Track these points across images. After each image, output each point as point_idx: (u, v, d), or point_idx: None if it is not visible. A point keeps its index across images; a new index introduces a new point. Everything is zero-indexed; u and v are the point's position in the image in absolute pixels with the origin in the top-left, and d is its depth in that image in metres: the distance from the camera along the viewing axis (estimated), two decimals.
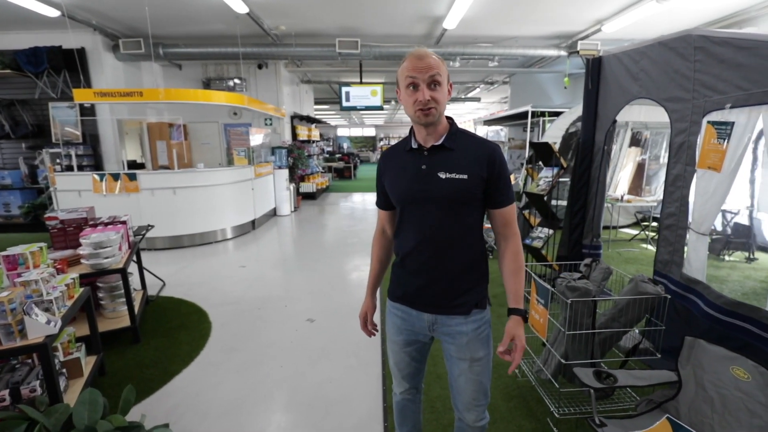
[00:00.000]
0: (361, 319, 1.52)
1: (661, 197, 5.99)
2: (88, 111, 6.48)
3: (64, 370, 2.16)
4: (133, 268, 3.27)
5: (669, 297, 1.85)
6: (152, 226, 3.89)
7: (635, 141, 5.58)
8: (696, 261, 2.29)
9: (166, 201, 5.33)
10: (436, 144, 1.25)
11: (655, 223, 5.46)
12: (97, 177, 5.09)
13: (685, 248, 2.34)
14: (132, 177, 5.12)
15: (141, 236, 3.60)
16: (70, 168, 5.66)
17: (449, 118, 1.30)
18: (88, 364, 2.38)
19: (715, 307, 2.10)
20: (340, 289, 3.97)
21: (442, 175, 1.21)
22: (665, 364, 1.95)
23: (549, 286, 1.84)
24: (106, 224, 3.13)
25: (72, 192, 5.09)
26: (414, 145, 1.28)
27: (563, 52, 6.72)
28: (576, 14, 5.59)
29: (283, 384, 2.43)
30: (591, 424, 1.50)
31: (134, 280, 3.36)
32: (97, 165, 6.66)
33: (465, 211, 1.24)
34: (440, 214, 1.24)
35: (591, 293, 1.74)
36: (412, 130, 1.31)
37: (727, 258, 4.46)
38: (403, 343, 1.41)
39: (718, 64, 2.12)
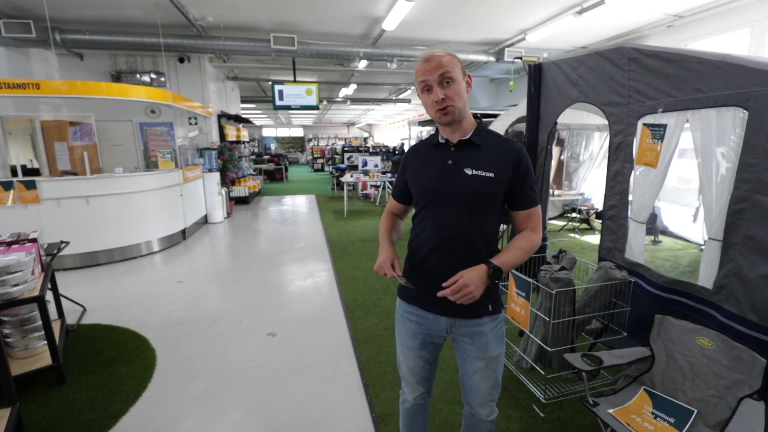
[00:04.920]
0: (385, 265, 1.26)
1: (581, 191, 6.73)
2: None
3: None
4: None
5: (633, 281, 2.05)
6: (67, 243, 3.29)
7: (559, 141, 6.20)
8: (636, 246, 2.59)
9: (77, 212, 4.55)
10: (464, 139, 1.23)
11: (575, 214, 6.12)
12: None
13: (627, 235, 2.64)
14: (29, 185, 4.28)
15: (53, 256, 3.03)
16: None
17: (477, 117, 1.29)
18: (1, 419, 1.92)
19: (656, 285, 2.39)
20: (296, 297, 3.75)
21: (468, 171, 1.20)
22: (626, 342, 2.17)
23: (530, 279, 1.92)
24: (9, 243, 2.57)
25: None
26: (441, 140, 1.27)
27: (491, 58, 7.20)
28: (505, 23, 6.03)
29: (256, 408, 2.21)
30: (586, 405, 1.60)
31: (49, 309, 2.80)
32: None
33: (486, 210, 1.23)
34: (461, 212, 1.22)
35: (572, 283, 1.87)
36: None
37: None
38: (418, 347, 1.38)
39: (649, 73, 2.42)
